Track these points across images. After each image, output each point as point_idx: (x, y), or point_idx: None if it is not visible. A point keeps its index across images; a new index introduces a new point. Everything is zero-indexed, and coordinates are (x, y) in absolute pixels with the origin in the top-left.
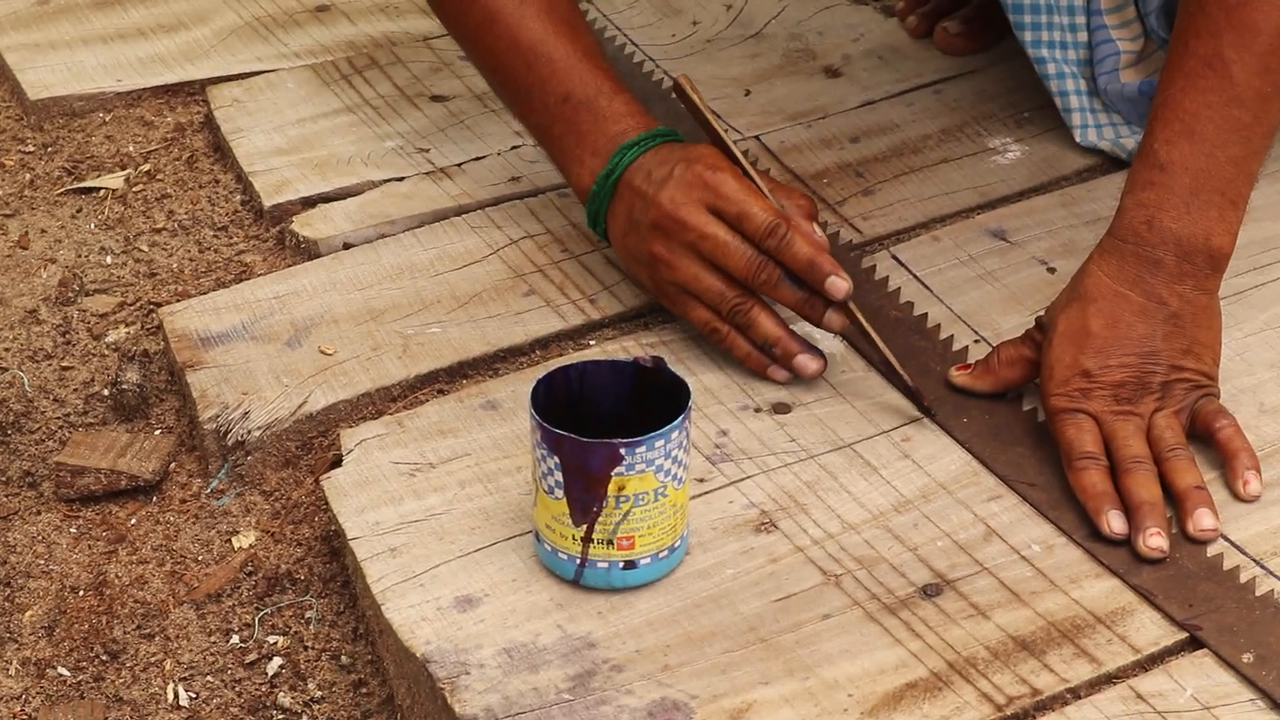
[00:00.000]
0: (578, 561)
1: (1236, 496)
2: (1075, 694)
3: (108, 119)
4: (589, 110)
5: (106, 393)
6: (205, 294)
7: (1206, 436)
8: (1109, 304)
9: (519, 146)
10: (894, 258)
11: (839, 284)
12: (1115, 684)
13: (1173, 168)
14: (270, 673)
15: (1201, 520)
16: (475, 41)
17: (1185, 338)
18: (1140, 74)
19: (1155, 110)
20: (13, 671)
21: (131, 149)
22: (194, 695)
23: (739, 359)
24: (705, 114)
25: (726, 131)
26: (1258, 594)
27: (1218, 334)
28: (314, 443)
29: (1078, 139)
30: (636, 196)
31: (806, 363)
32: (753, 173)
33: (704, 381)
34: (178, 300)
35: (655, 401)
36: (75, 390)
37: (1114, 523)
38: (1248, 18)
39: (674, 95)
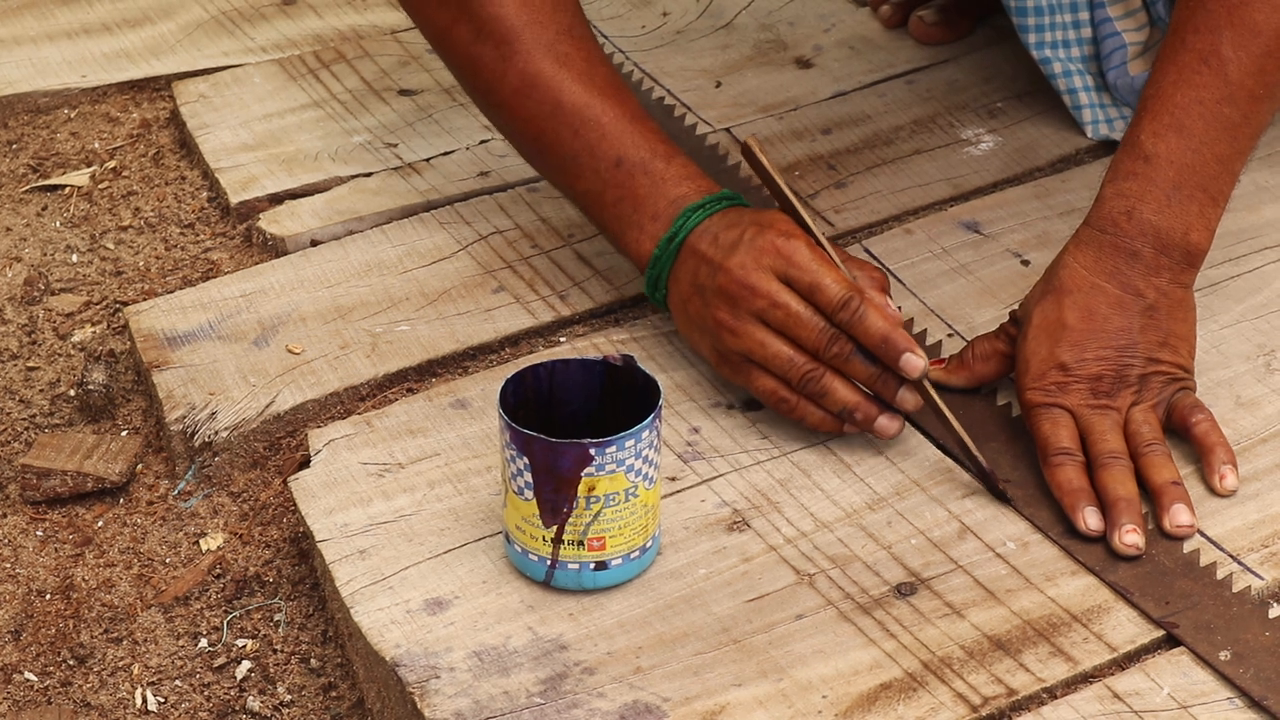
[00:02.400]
0: (548, 563)
1: (1213, 491)
2: (1051, 693)
3: (73, 115)
4: (645, 173)
5: (72, 393)
6: (171, 293)
7: (1183, 431)
8: (1085, 296)
9: (487, 141)
10: (866, 251)
11: (915, 361)
12: (1092, 683)
13: (1158, 160)
14: (239, 676)
15: (1178, 516)
16: (512, 109)
17: (1161, 330)
18: (1149, 64)
19: (1145, 101)
20: None
21: (97, 146)
22: (162, 700)
23: (811, 426)
24: (774, 177)
25: (797, 196)
26: (1234, 590)
27: (1193, 327)
28: (282, 443)
29: (1089, 134)
30: (702, 261)
31: (887, 425)
32: (824, 241)
33: (675, 379)
34: (144, 299)
35: (626, 400)
36: (41, 391)
37: (1090, 519)
38: (1249, 18)
39: (741, 156)
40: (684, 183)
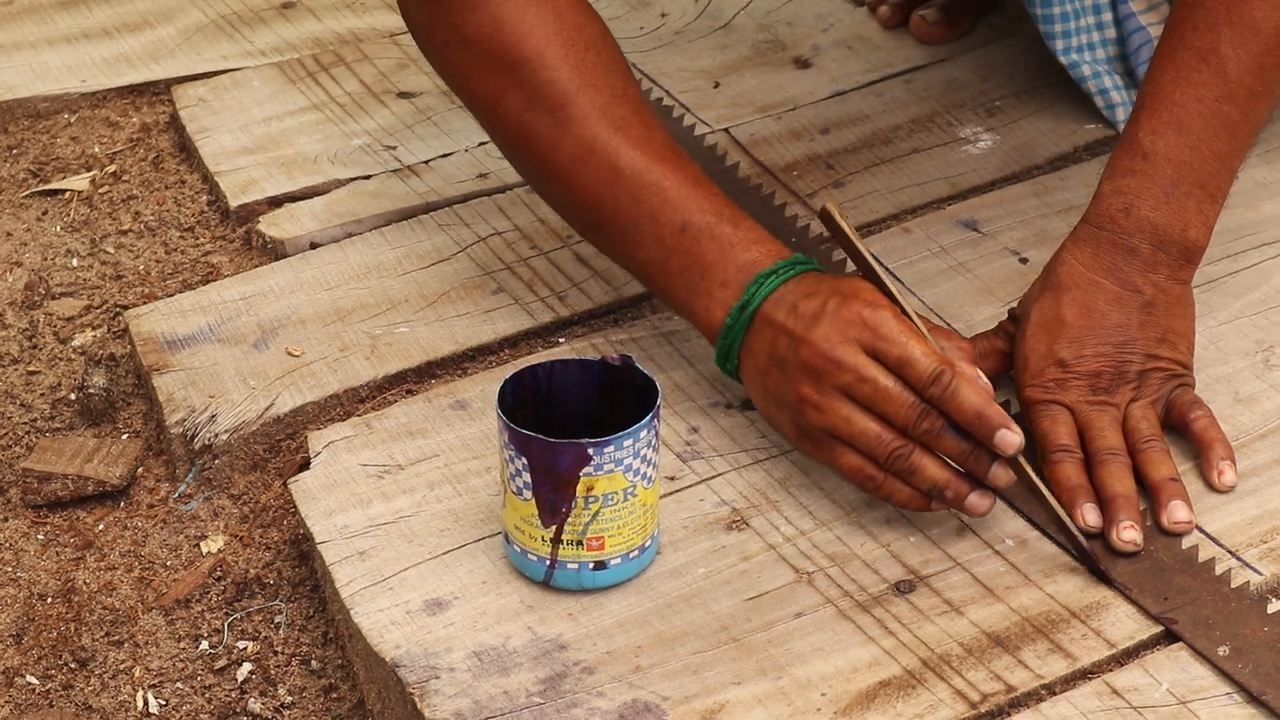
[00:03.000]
0: (547, 563)
1: (1211, 487)
2: (1050, 690)
3: (73, 120)
4: (712, 238)
5: (73, 397)
6: (171, 296)
7: (1181, 427)
8: (1083, 293)
9: (486, 143)
10: (875, 258)
11: (1010, 438)
12: (1090, 679)
13: (1156, 157)
14: (240, 678)
15: (1176, 513)
16: (568, 178)
17: (1160, 326)
18: None
19: (1143, 98)
20: None
21: (97, 150)
22: (163, 702)
23: (898, 505)
24: (854, 242)
25: (878, 262)
26: (1233, 586)
27: (1191, 323)
28: (282, 445)
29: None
30: (780, 333)
31: (979, 503)
32: (909, 309)
33: (674, 379)
34: (144, 303)
35: (624, 400)
36: (42, 395)
37: (1089, 516)
38: (1248, 16)
39: (820, 220)
40: (754, 247)
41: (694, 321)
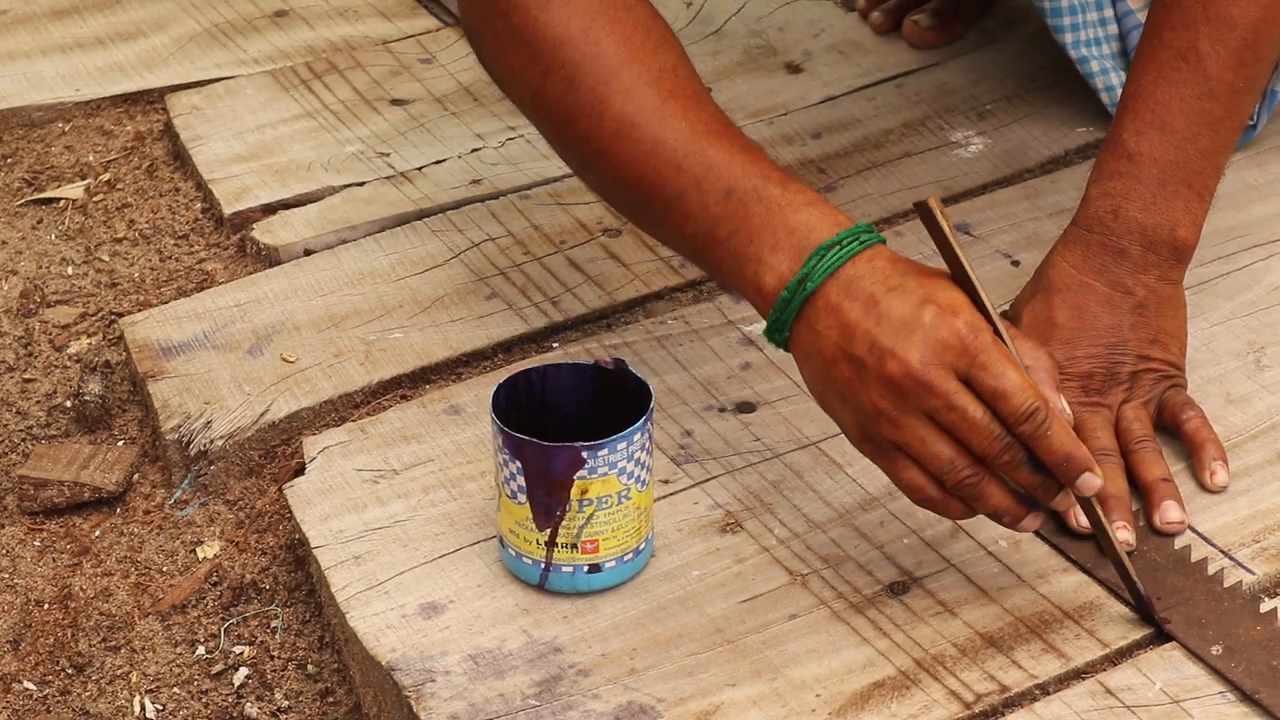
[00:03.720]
0: (542, 566)
1: (1204, 488)
2: (1044, 690)
3: (67, 129)
4: (759, 201)
5: (69, 404)
6: (166, 303)
7: (1173, 428)
8: (1074, 294)
9: (479, 149)
10: None
11: (1092, 482)
12: (1084, 679)
13: (1141, 158)
14: (237, 683)
15: (1168, 513)
16: (610, 154)
17: (1151, 328)
18: None
19: (1125, 100)
20: None
21: (91, 158)
22: (161, 707)
23: (947, 516)
24: (952, 243)
25: (973, 269)
26: (1225, 585)
27: (1183, 324)
28: (277, 451)
29: None
30: (859, 330)
31: (1032, 523)
32: (999, 323)
33: (667, 382)
34: (139, 310)
35: (618, 403)
36: (38, 402)
37: (1081, 517)
38: (1224, 11)
39: (915, 212)
40: (805, 209)
41: (743, 290)
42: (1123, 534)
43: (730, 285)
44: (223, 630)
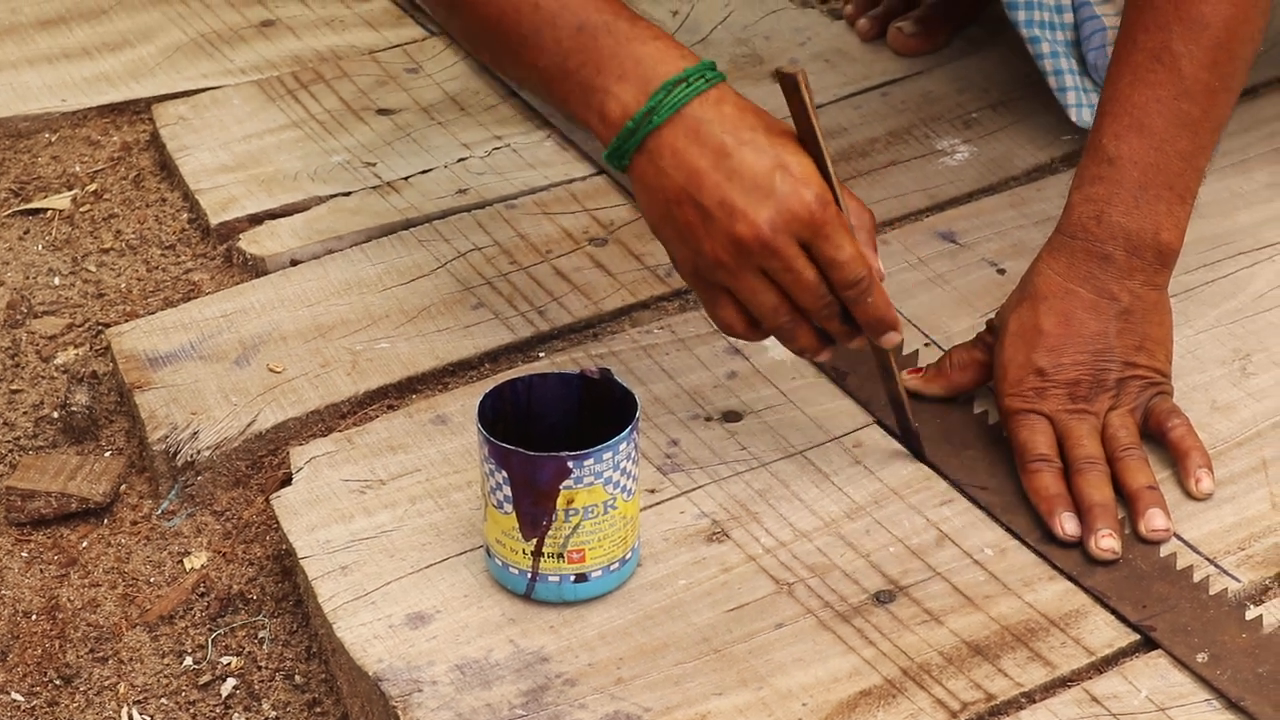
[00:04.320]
0: (529, 576)
1: (1189, 495)
2: (1030, 698)
3: (53, 139)
4: (609, 33)
5: (56, 415)
6: (153, 314)
7: (1159, 435)
8: (1060, 301)
9: (465, 159)
10: None
11: (895, 338)
12: (1070, 687)
13: (1121, 162)
14: (224, 694)
15: (1153, 521)
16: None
17: (1137, 334)
18: None
19: (1103, 104)
20: None
21: (78, 169)
22: (149, 718)
23: (749, 340)
24: (812, 118)
25: (826, 140)
26: (1211, 593)
27: (1169, 330)
28: (264, 461)
29: (1073, 118)
30: (706, 182)
31: (826, 356)
32: (839, 189)
33: (653, 391)
34: (126, 320)
35: (604, 413)
36: (25, 413)
37: (1067, 525)
38: (1196, 11)
39: (777, 82)
40: (652, 42)
41: (588, 119)
42: (1107, 542)
43: (576, 117)
44: (210, 641)
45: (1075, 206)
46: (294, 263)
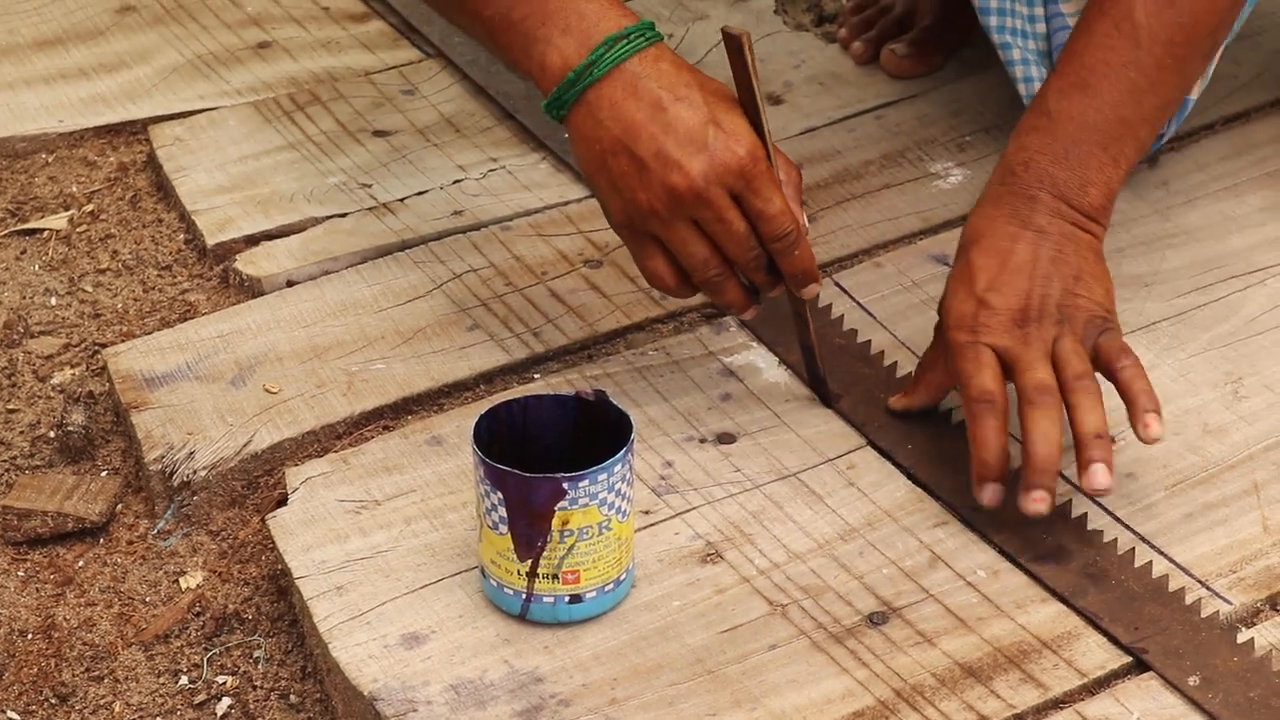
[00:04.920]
0: (523, 596)
1: (1138, 438)
2: (1022, 719)
3: (50, 160)
4: None
5: (52, 435)
6: (149, 334)
7: (1108, 374)
8: (991, 240)
9: (461, 180)
10: (837, 285)
11: (815, 290)
12: (1062, 709)
13: (1060, 116)
14: (220, 713)
15: (1095, 478)
16: None
17: (1073, 265)
18: None
19: (1057, 64)
20: None
21: (75, 189)
22: None
23: (677, 297)
24: (753, 79)
25: (762, 94)
26: (1203, 615)
27: (1108, 275)
28: (260, 482)
29: None
30: (643, 134)
31: (751, 312)
32: (771, 146)
33: (648, 413)
34: (122, 341)
35: (599, 434)
36: (21, 433)
37: (985, 496)
38: None
39: (723, 42)
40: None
41: (528, 68)
42: (1037, 506)
43: (518, 66)
44: (206, 660)
45: (1007, 155)
46: (290, 284)
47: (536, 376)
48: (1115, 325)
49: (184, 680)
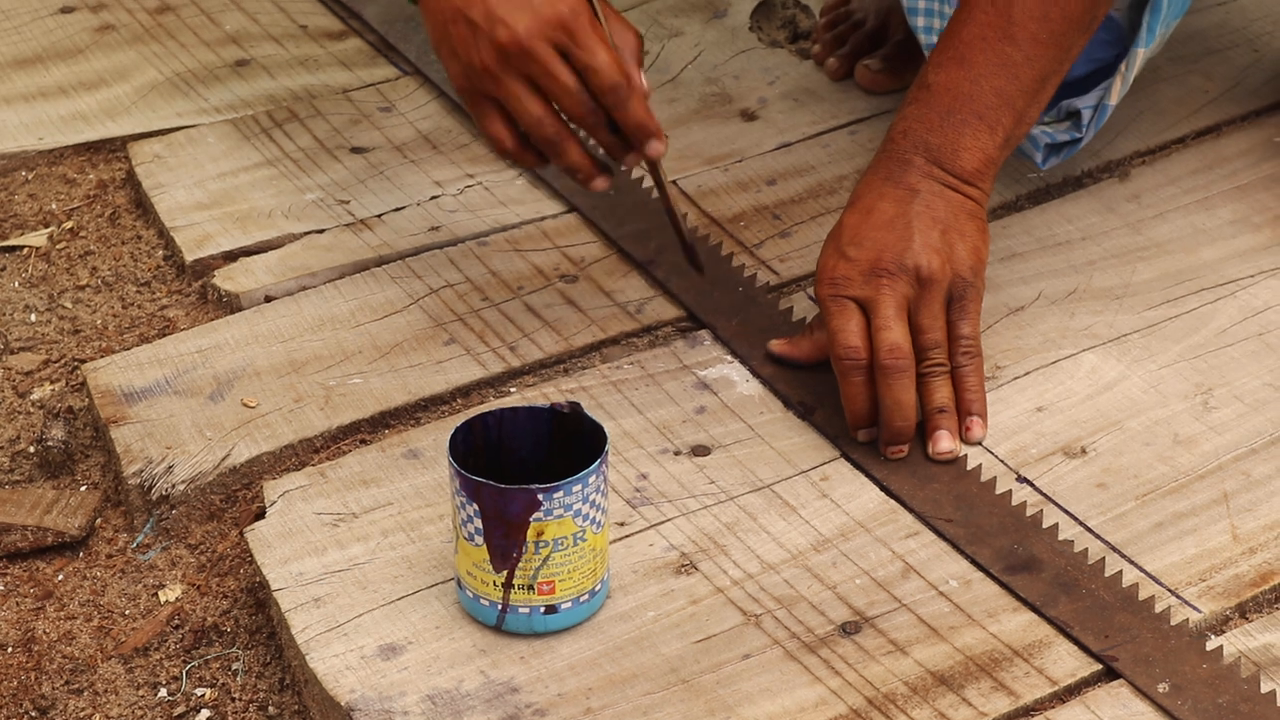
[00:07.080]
0: (499, 607)
1: (960, 439)
2: None
3: (30, 177)
4: None
5: (32, 450)
6: (128, 350)
7: (950, 360)
8: (862, 201)
9: (438, 196)
10: (811, 299)
11: (657, 147)
12: (1033, 716)
13: (936, 88)
14: None
15: (939, 443)
16: None
17: (940, 220)
18: None
19: (937, 43)
20: None
21: (54, 206)
22: None
23: (520, 165)
24: None
25: None
26: (1173, 623)
27: (978, 238)
28: (238, 495)
29: (922, 42)
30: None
31: (602, 184)
32: (600, 8)
33: (623, 426)
34: (101, 356)
35: (574, 447)
36: (1, 448)
37: (861, 437)
38: None
39: None
40: None
41: None
42: (896, 456)
43: None
44: (184, 673)
45: (890, 129)
46: (268, 299)
47: (513, 390)
48: (977, 287)
49: (163, 692)
